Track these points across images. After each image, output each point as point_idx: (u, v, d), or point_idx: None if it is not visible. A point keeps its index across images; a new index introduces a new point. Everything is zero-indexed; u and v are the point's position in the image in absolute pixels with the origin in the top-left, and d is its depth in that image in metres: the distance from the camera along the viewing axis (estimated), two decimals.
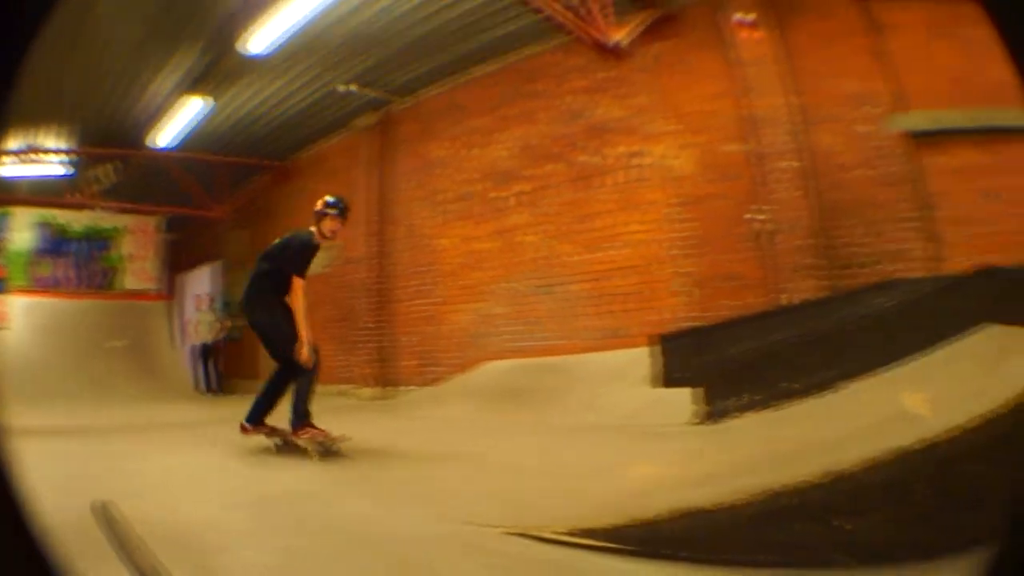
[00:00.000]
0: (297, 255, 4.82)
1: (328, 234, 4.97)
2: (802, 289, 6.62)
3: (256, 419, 4.81)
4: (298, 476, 3.96)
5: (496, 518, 2.76)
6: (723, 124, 7.17)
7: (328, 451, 4.46)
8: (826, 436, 3.82)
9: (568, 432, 5.60)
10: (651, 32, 7.53)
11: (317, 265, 9.72)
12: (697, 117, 7.26)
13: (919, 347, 4.95)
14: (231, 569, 2.23)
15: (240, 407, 5.26)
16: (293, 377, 4.66)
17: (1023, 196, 6.67)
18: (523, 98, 8.19)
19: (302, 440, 4.48)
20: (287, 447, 4.66)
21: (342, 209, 5.06)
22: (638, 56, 7.56)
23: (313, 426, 4.55)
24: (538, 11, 7.34)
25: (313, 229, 4.96)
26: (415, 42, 8.15)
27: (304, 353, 4.56)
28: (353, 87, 8.88)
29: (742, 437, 4.75)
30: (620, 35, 7.34)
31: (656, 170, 7.33)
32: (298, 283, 4.72)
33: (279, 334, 4.64)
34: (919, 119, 6.91)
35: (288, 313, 4.65)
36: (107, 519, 2.55)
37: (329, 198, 5.07)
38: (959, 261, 6.16)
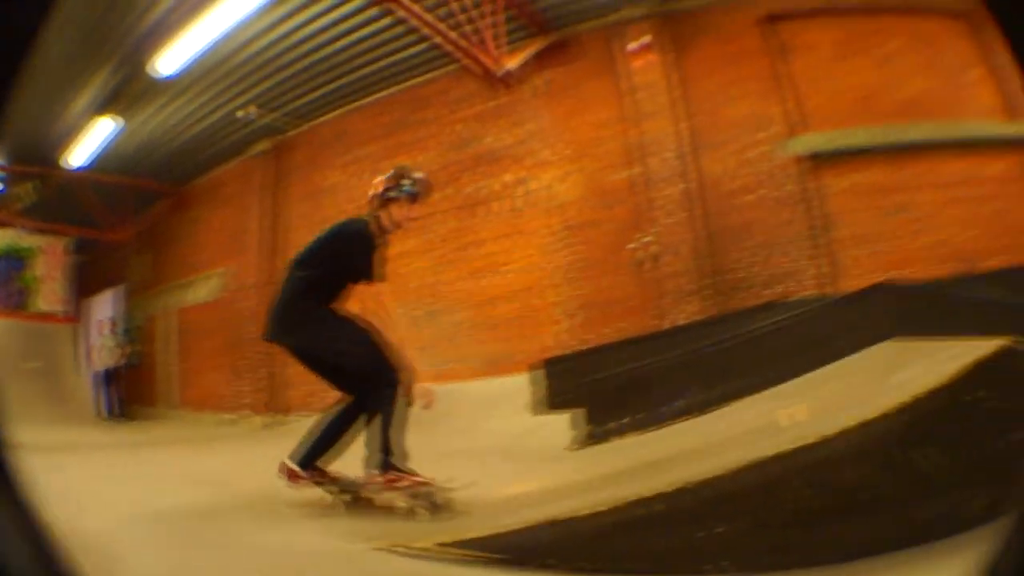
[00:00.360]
0: (361, 255, 3.56)
1: (400, 222, 3.69)
2: (688, 311, 6.68)
3: (310, 461, 3.61)
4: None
5: (367, 535, 2.79)
6: (612, 150, 7.24)
7: (436, 504, 3.31)
8: (702, 447, 3.86)
9: (448, 456, 5.55)
10: (543, 58, 7.59)
11: (206, 293, 9.72)
12: (586, 143, 7.32)
13: (810, 364, 4.99)
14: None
15: (146, 433, 4.86)
16: (367, 407, 3.54)
17: (928, 211, 6.90)
18: (414, 125, 8.20)
19: (394, 491, 3.38)
20: (357, 502, 3.52)
21: (417, 183, 3.71)
22: (529, 83, 7.61)
23: (406, 470, 3.40)
24: (428, 39, 7.42)
25: (369, 217, 3.67)
26: (310, 68, 8.15)
27: (419, 383, 3.54)
28: (251, 111, 8.80)
29: (622, 455, 4.75)
30: (512, 62, 7.38)
31: (543, 196, 7.36)
32: (376, 290, 3.57)
33: (350, 353, 3.53)
34: (819, 140, 7.07)
35: (349, 326, 3.58)
36: None
37: (397, 171, 3.73)
38: (860, 278, 6.26)
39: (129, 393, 10.62)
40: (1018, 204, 7.46)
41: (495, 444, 5.75)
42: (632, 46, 7.31)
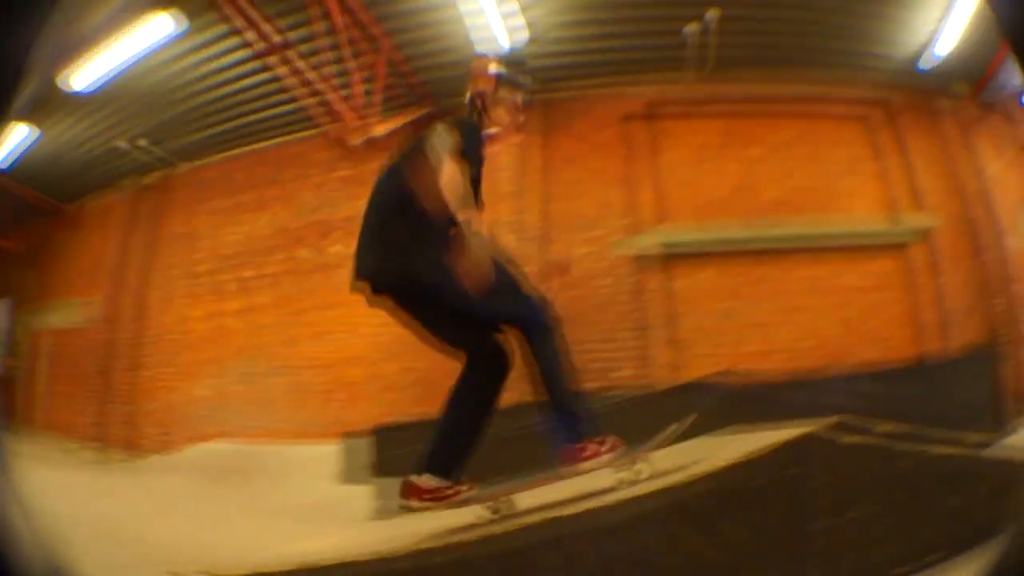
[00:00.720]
0: (474, 145, 2.73)
1: (509, 126, 3.04)
2: (511, 395, 6.79)
3: (457, 464, 2.76)
4: None
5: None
6: None
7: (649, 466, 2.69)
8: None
9: (258, 513, 5.77)
10: (415, 128, 7.74)
11: (76, 319, 9.76)
12: None
13: None
14: None
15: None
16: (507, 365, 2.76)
17: (781, 309, 7.08)
18: (281, 182, 8.32)
19: (595, 465, 2.64)
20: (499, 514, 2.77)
21: (525, 72, 3.07)
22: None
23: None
24: (295, 100, 7.62)
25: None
26: (198, 108, 8.31)
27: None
28: (142, 142, 8.94)
29: (423, 524, 4.95)
30: (379, 130, 7.56)
31: None
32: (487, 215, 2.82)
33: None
34: (668, 236, 7.29)
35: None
36: None
37: (509, 60, 3.14)
38: (694, 373, 6.57)
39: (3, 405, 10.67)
40: (891, 303, 7.70)
41: (304, 503, 6.03)
42: (492, 131, 7.48)
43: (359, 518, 5.66)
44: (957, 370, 7.63)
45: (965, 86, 8.38)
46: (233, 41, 7.34)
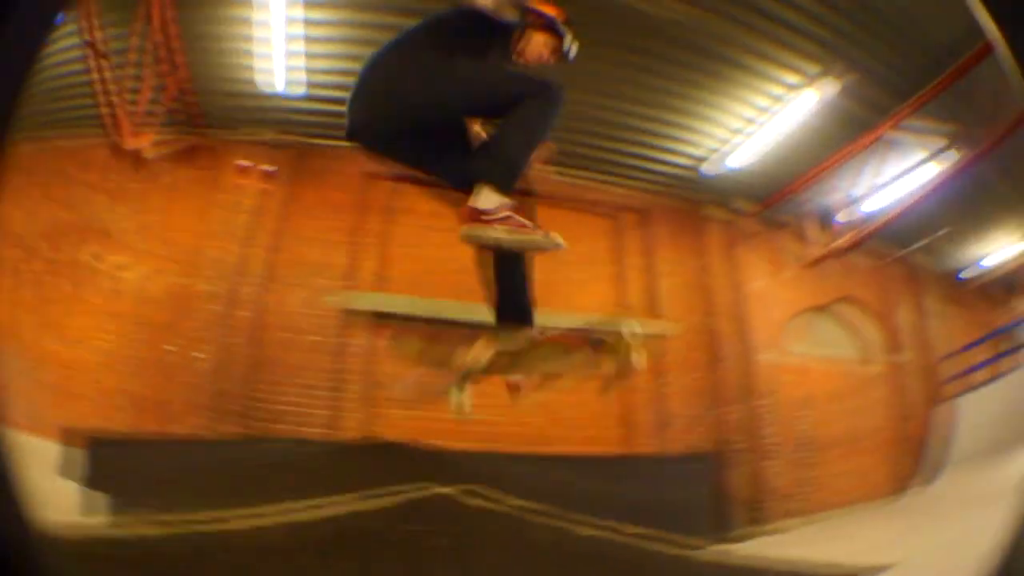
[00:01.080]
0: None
1: (530, 59, 3.01)
2: (222, 428, 7.40)
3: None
4: None
5: None
6: (201, 261, 7.83)
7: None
8: None
9: None
10: (189, 155, 8.15)
11: None
12: (183, 248, 7.87)
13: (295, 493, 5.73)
14: None
15: None
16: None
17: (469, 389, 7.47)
18: (67, 180, 8.52)
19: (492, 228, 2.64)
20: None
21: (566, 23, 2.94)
22: (171, 175, 8.20)
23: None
24: (95, 103, 8.03)
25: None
26: (32, 90, 8.72)
27: None
28: None
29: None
30: (147, 144, 7.99)
31: (131, 286, 7.97)
32: None
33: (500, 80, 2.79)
34: (381, 300, 7.68)
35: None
36: None
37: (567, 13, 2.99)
38: (381, 433, 7.12)
39: None
40: (600, 399, 8.02)
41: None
42: (246, 163, 7.88)
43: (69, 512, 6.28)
44: (672, 470, 7.92)
45: (749, 202, 8.38)
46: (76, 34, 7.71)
